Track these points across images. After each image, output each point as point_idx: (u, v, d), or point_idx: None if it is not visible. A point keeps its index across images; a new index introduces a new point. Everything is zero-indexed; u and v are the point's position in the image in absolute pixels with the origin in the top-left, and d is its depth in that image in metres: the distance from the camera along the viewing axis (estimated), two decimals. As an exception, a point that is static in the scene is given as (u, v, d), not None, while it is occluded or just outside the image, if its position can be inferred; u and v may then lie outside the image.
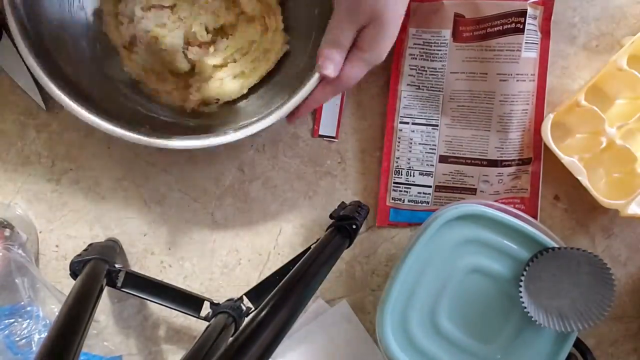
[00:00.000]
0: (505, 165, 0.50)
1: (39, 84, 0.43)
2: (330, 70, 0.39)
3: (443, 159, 0.51)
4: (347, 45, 0.39)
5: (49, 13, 0.43)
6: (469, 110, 0.50)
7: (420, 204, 0.51)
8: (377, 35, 0.39)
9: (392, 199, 0.51)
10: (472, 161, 0.51)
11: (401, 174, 0.51)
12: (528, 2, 0.47)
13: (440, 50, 0.49)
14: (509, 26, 0.47)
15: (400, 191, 0.51)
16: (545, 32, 0.49)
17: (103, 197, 0.50)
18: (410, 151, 0.51)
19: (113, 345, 0.51)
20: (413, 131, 0.51)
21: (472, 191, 0.51)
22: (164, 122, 0.48)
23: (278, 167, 0.51)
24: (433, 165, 0.51)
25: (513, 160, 0.50)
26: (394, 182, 0.51)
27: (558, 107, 0.48)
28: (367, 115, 0.51)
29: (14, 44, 0.41)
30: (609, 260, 0.50)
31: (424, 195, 0.51)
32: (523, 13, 0.47)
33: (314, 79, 0.40)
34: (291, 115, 0.42)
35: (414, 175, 0.51)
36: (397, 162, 0.51)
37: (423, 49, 0.49)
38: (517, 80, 0.48)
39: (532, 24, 0.48)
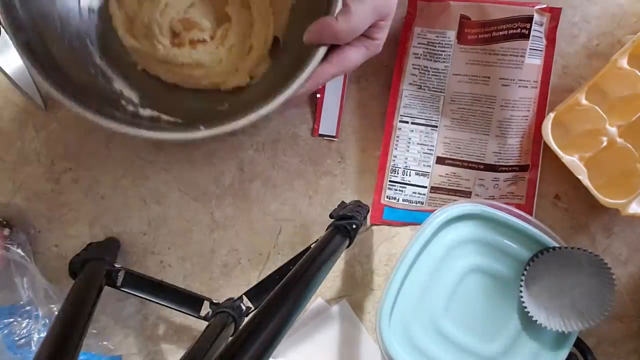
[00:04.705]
0: (502, 171, 0.50)
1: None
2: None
3: (440, 160, 0.51)
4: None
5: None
6: (469, 113, 0.50)
7: (414, 204, 0.51)
8: (386, 27, 0.41)
9: (387, 197, 0.51)
10: (469, 164, 0.50)
11: (397, 173, 0.51)
12: (535, 8, 0.47)
13: (444, 51, 0.49)
14: (514, 31, 0.47)
15: (395, 190, 0.51)
16: (551, 40, 0.49)
17: (102, 197, 0.50)
18: (407, 150, 0.51)
19: (113, 344, 0.50)
20: (412, 131, 0.50)
21: (467, 194, 0.51)
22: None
23: (278, 166, 0.51)
24: (430, 165, 0.51)
25: (510, 166, 0.50)
26: (390, 181, 0.51)
27: (558, 107, 0.48)
28: (367, 114, 0.51)
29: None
30: (609, 260, 0.49)
31: (418, 195, 0.51)
32: (529, 19, 0.46)
33: (318, 55, 0.40)
34: (293, 99, 0.41)
35: (410, 175, 0.51)
36: (394, 160, 0.51)
37: (427, 48, 0.49)
38: (519, 86, 0.48)
39: (537, 31, 0.48)
